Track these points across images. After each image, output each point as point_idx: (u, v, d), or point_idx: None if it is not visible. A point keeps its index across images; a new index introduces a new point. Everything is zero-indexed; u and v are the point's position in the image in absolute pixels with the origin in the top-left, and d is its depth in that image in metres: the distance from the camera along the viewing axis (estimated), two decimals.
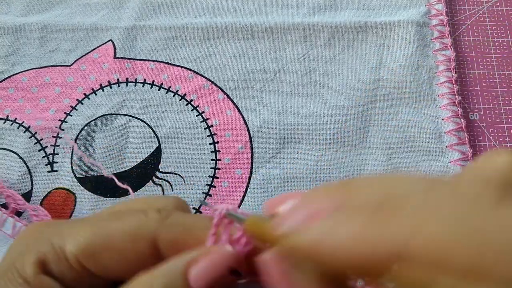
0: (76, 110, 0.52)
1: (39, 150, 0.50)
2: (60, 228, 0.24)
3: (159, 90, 0.53)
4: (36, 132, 0.51)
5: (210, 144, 0.51)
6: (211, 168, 0.50)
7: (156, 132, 0.51)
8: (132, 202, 0.26)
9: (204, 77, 0.54)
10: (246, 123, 0.52)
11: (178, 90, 0.53)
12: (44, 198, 0.49)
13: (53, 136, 0.51)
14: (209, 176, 0.49)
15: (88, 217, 0.25)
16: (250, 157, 0.50)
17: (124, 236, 0.22)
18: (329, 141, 0.51)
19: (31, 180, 0.49)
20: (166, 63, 0.55)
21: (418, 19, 0.56)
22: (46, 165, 0.50)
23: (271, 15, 0.57)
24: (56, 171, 0.50)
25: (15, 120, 0.52)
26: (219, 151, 0.50)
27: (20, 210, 0.47)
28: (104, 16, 0.57)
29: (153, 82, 0.54)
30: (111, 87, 0.53)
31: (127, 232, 0.23)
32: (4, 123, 0.51)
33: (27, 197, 0.48)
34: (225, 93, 0.53)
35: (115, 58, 0.55)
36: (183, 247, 0.23)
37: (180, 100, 0.53)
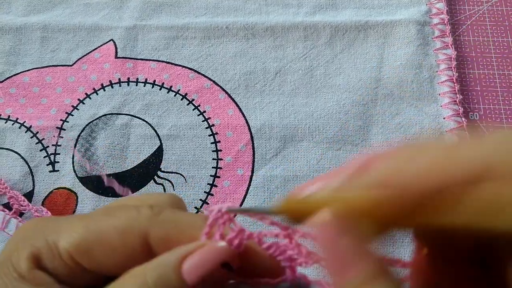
0: (77, 109, 0.52)
1: (41, 150, 0.50)
2: (55, 224, 0.24)
3: (160, 89, 0.53)
4: (37, 132, 0.51)
5: (212, 143, 0.51)
6: (213, 167, 0.50)
7: (158, 132, 0.51)
8: (127, 199, 0.26)
9: (205, 76, 0.54)
10: (247, 122, 0.52)
11: (179, 90, 0.53)
12: (46, 197, 0.48)
13: (54, 136, 0.51)
14: (210, 175, 0.50)
15: (83, 214, 0.26)
16: (251, 156, 0.50)
17: (116, 232, 0.23)
18: (330, 140, 0.51)
19: (33, 180, 0.49)
20: (167, 62, 0.55)
21: (419, 18, 0.56)
22: (48, 164, 0.50)
23: (272, 14, 0.57)
24: (58, 170, 0.50)
25: (17, 120, 0.52)
26: (221, 150, 0.51)
27: (23, 211, 0.47)
28: (105, 15, 0.57)
29: (154, 81, 0.54)
30: (112, 87, 0.53)
31: (118, 228, 0.23)
32: (5, 123, 0.51)
33: (28, 197, 0.48)
34: (226, 92, 0.53)
35: (116, 57, 0.55)
36: (175, 244, 0.23)
37: (181, 99, 0.53)
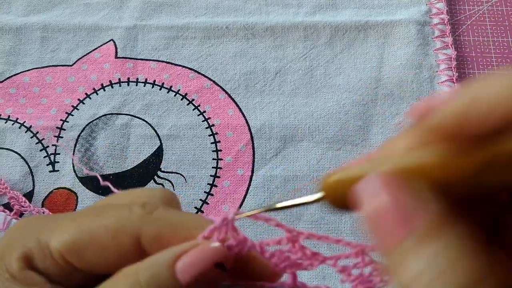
0: (77, 109, 0.52)
1: (41, 150, 0.50)
2: (47, 223, 0.24)
3: (160, 89, 0.53)
4: (37, 132, 0.51)
5: (212, 143, 0.51)
6: (213, 167, 0.50)
7: (158, 132, 0.51)
8: (119, 195, 0.26)
9: (205, 76, 0.54)
10: (247, 122, 0.52)
11: (179, 90, 0.53)
12: (46, 197, 0.48)
13: (54, 136, 0.51)
14: (210, 175, 0.50)
15: (76, 212, 0.25)
16: (251, 156, 0.50)
17: (107, 232, 0.22)
18: (330, 140, 0.51)
19: (33, 180, 0.49)
20: (167, 62, 0.55)
21: (419, 18, 0.56)
22: (48, 164, 0.50)
23: (272, 14, 0.57)
24: (58, 170, 0.50)
25: (17, 120, 0.52)
26: (221, 150, 0.51)
27: (24, 212, 0.47)
28: (105, 16, 0.57)
29: (154, 81, 0.54)
30: (112, 87, 0.53)
31: (110, 228, 0.22)
32: (5, 123, 0.51)
33: (28, 196, 0.48)
34: (226, 92, 0.53)
35: (116, 57, 0.55)
36: (167, 243, 0.22)
37: (181, 99, 0.53)
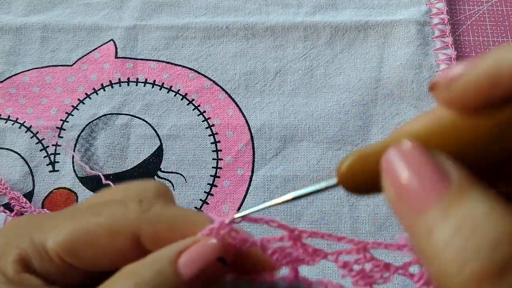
0: (77, 109, 0.52)
1: (41, 150, 0.50)
2: (40, 222, 0.24)
3: (160, 89, 0.53)
4: (37, 132, 0.51)
5: (212, 143, 0.51)
6: (213, 167, 0.50)
7: (158, 132, 0.51)
8: (112, 190, 0.26)
9: (205, 76, 0.54)
10: (247, 122, 0.52)
11: (179, 90, 0.53)
12: (46, 197, 0.48)
13: (54, 136, 0.51)
14: (210, 175, 0.50)
15: (70, 209, 0.25)
16: (251, 156, 0.50)
17: (104, 231, 0.22)
18: (330, 140, 0.51)
19: (33, 180, 0.49)
20: (167, 62, 0.55)
21: (419, 18, 0.56)
22: (48, 165, 0.50)
23: (272, 14, 0.57)
24: (58, 171, 0.50)
25: (17, 120, 0.52)
26: (221, 150, 0.51)
27: (24, 213, 0.47)
28: (105, 15, 0.57)
29: (154, 81, 0.54)
30: (112, 87, 0.53)
31: (106, 227, 0.22)
32: (5, 123, 0.51)
33: (28, 196, 0.48)
34: (226, 92, 0.53)
35: (116, 57, 0.55)
36: (166, 240, 0.22)
37: (181, 99, 0.53)
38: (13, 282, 0.22)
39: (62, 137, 0.51)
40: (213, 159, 0.50)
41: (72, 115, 0.52)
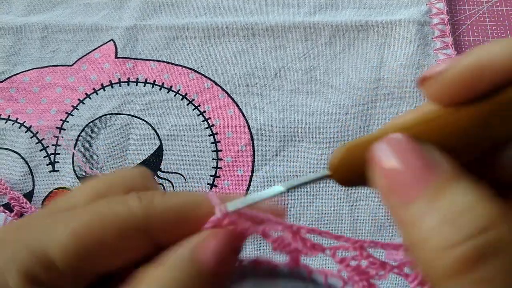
0: (77, 109, 0.52)
1: (41, 150, 0.50)
2: (34, 229, 0.22)
3: (160, 89, 0.53)
4: (37, 132, 0.51)
5: (212, 143, 0.51)
6: (213, 167, 0.50)
7: (158, 132, 0.51)
8: (96, 183, 0.24)
9: (205, 76, 0.54)
10: (247, 122, 0.52)
11: (179, 90, 0.53)
12: (46, 197, 0.49)
13: (54, 136, 0.51)
14: (210, 175, 0.50)
15: (61, 211, 0.23)
16: (251, 156, 0.50)
17: (111, 233, 0.22)
18: (330, 140, 0.51)
19: (33, 180, 0.49)
20: (167, 62, 0.55)
21: (419, 18, 0.56)
22: (48, 164, 0.50)
23: (272, 14, 0.57)
24: (58, 170, 0.50)
25: (17, 120, 0.52)
26: (221, 150, 0.51)
27: (24, 213, 0.47)
28: (105, 15, 0.57)
29: (154, 81, 0.54)
30: (112, 87, 0.53)
31: (114, 229, 0.22)
32: (5, 123, 0.51)
33: (28, 196, 0.48)
34: (226, 92, 0.53)
35: (116, 57, 0.55)
36: (176, 228, 0.22)
37: (181, 99, 0.53)
38: None
39: (62, 137, 0.51)
40: (213, 159, 0.50)
41: (72, 115, 0.52)
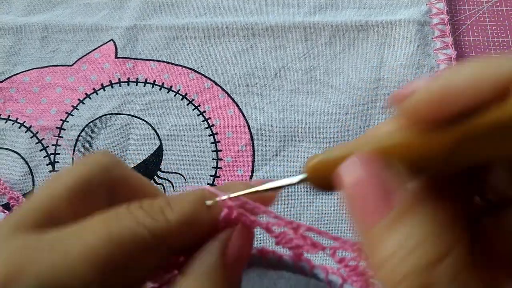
0: (77, 109, 0.52)
1: (41, 150, 0.50)
2: (43, 249, 0.20)
3: (160, 89, 0.53)
4: (37, 132, 0.51)
5: (212, 143, 0.51)
6: (213, 167, 0.50)
7: (158, 132, 0.51)
8: (72, 183, 0.23)
9: (205, 76, 0.54)
10: (247, 122, 0.52)
11: (179, 90, 0.53)
12: None
13: (54, 136, 0.51)
14: (210, 175, 0.50)
15: (45, 224, 0.22)
16: (251, 156, 0.50)
17: (135, 258, 0.21)
18: (330, 140, 0.51)
19: (33, 180, 0.49)
20: (167, 62, 0.55)
21: (419, 18, 0.56)
22: (48, 164, 0.50)
23: (272, 15, 0.57)
24: (58, 170, 0.50)
25: (17, 120, 0.52)
26: (221, 150, 0.51)
27: None
28: (105, 16, 0.57)
29: (154, 81, 0.54)
30: (112, 87, 0.53)
31: (136, 252, 0.21)
32: (5, 123, 0.51)
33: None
34: (226, 92, 0.53)
35: (116, 57, 0.55)
36: (194, 236, 0.23)
37: (181, 99, 0.53)
38: None
39: (62, 137, 0.51)
40: (213, 159, 0.50)
41: (72, 115, 0.52)
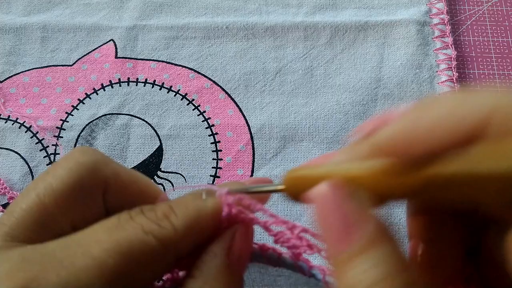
0: (77, 109, 0.52)
1: (41, 150, 0.50)
2: (46, 262, 0.21)
3: (160, 89, 0.53)
4: (37, 132, 0.51)
5: (212, 143, 0.51)
6: (213, 167, 0.50)
7: (158, 132, 0.51)
8: (65, 187, 0.23)
9: (205, 76, 0.54)
10: (247, 122, 0.52)
11: (179, 90, 0.53)
12: None
13: (54, 136, 0.51)
14: (210, 175, 0.50)
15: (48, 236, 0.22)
16: (251, 156, 0.50)
17: (143, 266, 0.21)
18: (330, 140, 0.51)
19: (33, 180, 0.49)
20: (167, 62, 0.55)
21: (419, 18, 0.56)
22: (48, 164, 0.50)
23: (272, 15, 0.57)
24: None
25: (17, 120, 0.52)
26: (221, 150, 0.51)
27: None
28: (105, 15, 0.57)
29: (154, 81, 0.54)
30: (112, 87, 0.53)
31: (145, 261, 0.21)
32: (5, 123, 0.51)
33: None
34: (226, 92, 0.53)
35: (116, 57, 0.55)
36: (200, 239, 0.23)
37: (181, 99, 0.53)
38: None
39: (62, 137, 0.51)
40: (213, 159, 0.50)
41: (72, 115, 0.52)
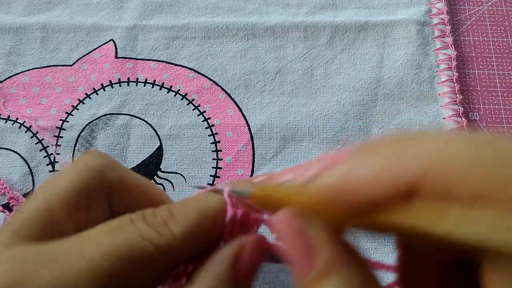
0: (77, 109, 0.52)
1: (41, 150, 0.50)
2: (44, 261, 0.20)
3: (160, 89, 0.53)
4: (37, 132, 0.51)
5: (212, 143, 0.51)
6: (213, 167, 0.50)
7: (158, 132, 0.51)
8: (70, 187, 0.23)
9: (205, 76, 0.54)
10: (247, 122, 0.52)
11: (179, 90, 0.53)
12: None
13: (54, 136, 0.51)
14: (210, 175, 0.50)
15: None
16: (251, 156, 0.50)
17: (140, 271, 0.21)
18: (330, 140, 0.51)
19: (33, 180, 0.49)
20: (167, 62, 0.55)
21: (419, 18, 0.56)
22: (48, 164, 0.50)
23: (272, 15, 0.57)
24: (58, 170, 0.50)
25: (17, 120, 0.52)
26: (221, 150, 0.51)
27: None
28: (105, 15, 0.57)
29: (154, 81, 0.54)
30: (112, 87, 0.53)
31: (141, 266, 0.21)
32: (5, 123, 0.51)
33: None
34: (226, 92, 0.53)
35: (116, 57, 0.55)
36: (201, 245, 0.23)
37: (181, 99, 0.53)
38: None
39: (62, 137, 0.51)
40: (213, 159, 0.50)
41: (72, 115, 0.52)
